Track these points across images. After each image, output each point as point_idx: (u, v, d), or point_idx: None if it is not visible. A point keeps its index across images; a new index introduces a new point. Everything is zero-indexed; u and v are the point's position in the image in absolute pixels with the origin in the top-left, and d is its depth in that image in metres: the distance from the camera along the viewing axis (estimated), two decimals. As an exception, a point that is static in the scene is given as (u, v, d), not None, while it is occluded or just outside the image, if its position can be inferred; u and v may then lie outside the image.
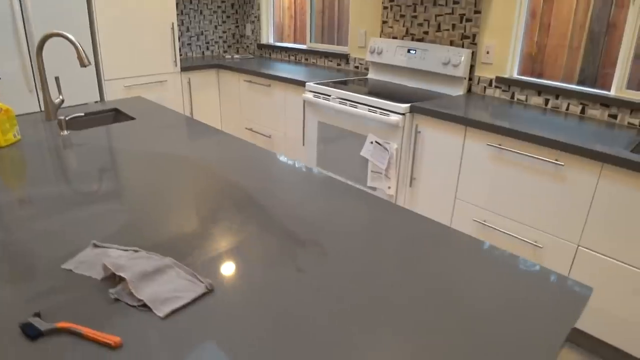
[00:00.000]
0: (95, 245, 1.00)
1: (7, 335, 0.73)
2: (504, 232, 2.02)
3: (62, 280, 0.88)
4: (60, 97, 2.11)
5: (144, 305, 0.80)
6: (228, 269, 0.91)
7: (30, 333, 0.73)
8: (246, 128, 3.63)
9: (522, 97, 2.38)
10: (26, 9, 2.84)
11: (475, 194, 2.10)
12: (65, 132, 1.90)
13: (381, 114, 2.33)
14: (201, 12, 4.10)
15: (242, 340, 0.72)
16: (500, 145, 1.95)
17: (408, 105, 2.24)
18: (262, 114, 3.39)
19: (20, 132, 1.94)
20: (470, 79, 2.58)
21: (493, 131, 1.93)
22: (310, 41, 3.75)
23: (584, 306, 0.82)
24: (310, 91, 2.78)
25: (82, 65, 1.93)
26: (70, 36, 1.91)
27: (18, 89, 2.94)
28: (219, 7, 4.19)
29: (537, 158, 1.83)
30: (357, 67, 3.27)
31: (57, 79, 2.11)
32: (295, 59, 3.81)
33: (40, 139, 1.82)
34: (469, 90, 2.60)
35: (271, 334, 0.73)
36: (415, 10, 2.74)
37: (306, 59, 3.70)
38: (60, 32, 1.91)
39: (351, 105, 2.49)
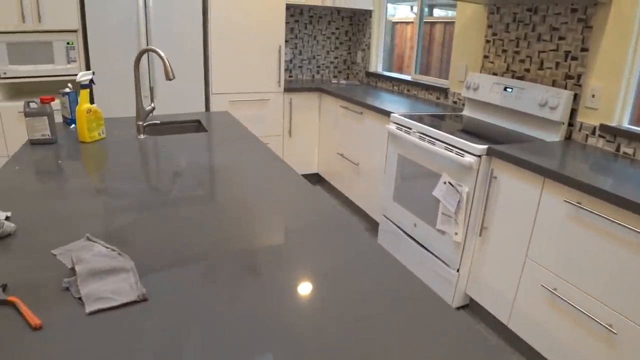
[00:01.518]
0: (88, 239, 1.12)
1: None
2: (574, 307, 1.74)
3: (42, 262, 1.01)
4: (152, 104, 2.39)
5: (81, 299, 0.88)
6: (173, 284, 0.95)
7: None
8: (338, 153, 3.69)
9: (630, 151, 2.05)
10: (150, 30, 3.30)
11: (547, 256, 1.85)
12: (142, 136, 2.15)
13: (457, 153, 2.21)
14: (315, 37, 4.33)
15: (147, 352, 0.75)
16: (579, 203, 1.70)
17: (485, 147, 2.09)
18: (353, 141, 3.42)
19: (110, 132, 2.25)
20: (570, 125, 2.30)
21: (572, 186, 1.70)
22: (415, 72, 3.71)
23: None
24: (394, 122, 2.74)
25: (168, 78, 2.17)
26: (160, 52, 2.17)
27: (128, 94, 3.41)
28: (332, 33, 4.38)
29: (623, 225, 1.56)
30: (455, 103, 3.14)
31: (151, 89, 2.41)
32: (399, 90, 3.80)
33: (121, 140, 2.09)
34: (568, 137, 2.32)
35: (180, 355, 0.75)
36: (517, 45, 2.55)
37: (408, 90, 3.66)
38: (153, 47, 2.18)
39: (429, 142, 2.40)
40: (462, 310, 2.40)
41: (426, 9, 3.64)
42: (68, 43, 3.25)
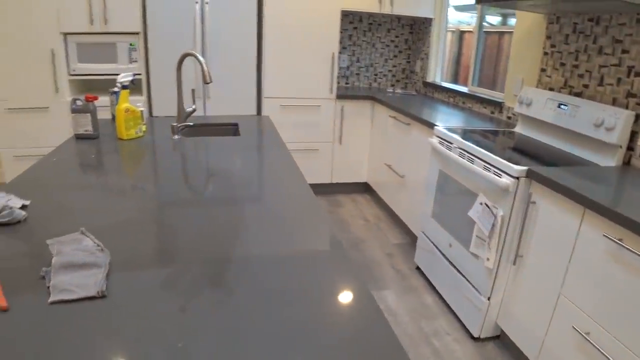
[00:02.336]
0: (82, 232, 1.19)
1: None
2: (607, 357, 1.58)
3: (35, 250, 1.10)
4: (193, 106, 2.51)
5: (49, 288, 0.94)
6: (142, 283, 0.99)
7: None
8: (385, 163, 3.65)
9: (695, 185, 1.83)
10: (205, 34, 3.46)
11: (582, 295, 1.71)
12: (176, 137, 2.26)
13: (494, 173, 2.10)
14: (374, 45, 4.31)
15: (93, 346, 0.79)
16: (620, 240, 1.55)
17: (524, 168, 1.96)
18: (400, 153, 3.36)
19: (147, 130, 2.39)
20: (630, 149, 2.10)
21: (613, 219, 1.55)
22: (473, 84, 3.57)
23: None
24: (437, 136, 2.66)
25: (205, 82, 2.27)
26: (199, 56, 2.27)
27: (188, 94, 3.58)
28: (392, 41, 4.33)
29: (666, 268, 1.40)
30: (509, 118, 2.98)
31: (193, 91, 2.53)
32: (454, 102, 3.68)
33: (156, 139, 2.21)
34: (627, 162, 2.12)
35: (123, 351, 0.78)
36: (577, 59, 2.37)
37: (464, 103, 3.54)
38: (192, 52, 2.29)
39: (468, 159, 2.30)
40: (491, 342, 2.27)
41: (486, 17, 3.50)
42: (130, 44, 3.49)
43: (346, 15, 4.18)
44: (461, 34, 3.94)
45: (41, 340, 0.80)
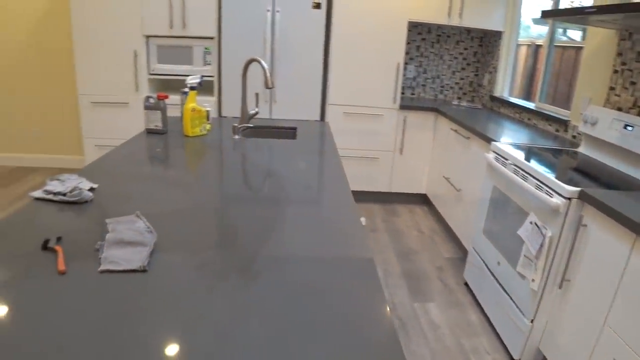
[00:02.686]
0: (137, 215, 1.35)
1: (37, 242, 1.15)
2: (648, 391, 1.52)
3: (95, 227, 1.27)
4: (256, 109, 2.67)
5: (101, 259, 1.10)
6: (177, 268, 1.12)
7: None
8: (444, 176, 3.63)
9: None
10: (275, 41, 3.64)
11: (627, 328, 1.64)
12: (236, 137, 2.42)
13: (546, 192, 2.06)
14: (441, 57, 4.30)
15: (125, 314, 0.93)
16: (669, 270, 1.48)
17: (576, 189, 1.92)
18: (458, 166, 3.35)
19: (212, 129, 2.57)
20: (699, 179, 1.98)
21: (663, 248, 1.49)
22: (540, 100, 3.47)
23: None
24: (494, 151, 2.63)
25: (267, 87, 2.42)
26: (263, 62, 2.43)
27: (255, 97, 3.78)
28: (460, 53, 4.30)
29: None
30: (574, 137, 2.88)
31: (257, 95, 2.69)
32: (519, 117, 3.59)
33: (217, 138, 2.39)
34: (695, 192, 1.99)
35: (154, 328, 0.91)
36: (648, 79, 2.26)
37: (529, 119, 3.45)
38: (257, 58, 2.44)
39: (522, 176, 2.27)
40: (535, 366, 2.21)
41: (560, 30, 3.40)
42: (205, 48, 3.75)
43: (415, 26, 4.22)
44: (537, 48, 3.84)
45: (88, 300, 0.95)
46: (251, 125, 2.49)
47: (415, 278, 2.96)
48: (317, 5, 3.56)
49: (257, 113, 2.66)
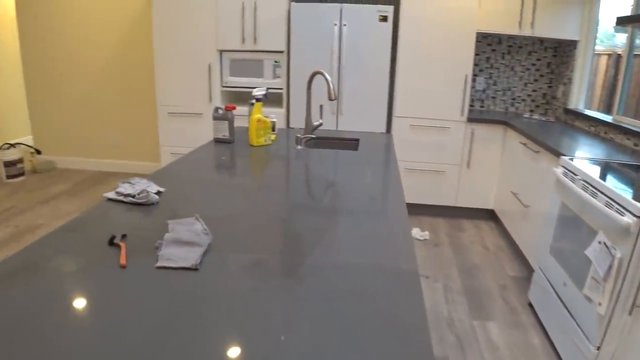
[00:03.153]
0: (196, 218, 1.46)
1: (105, 238, 1.28)
2: None
3: (158, 226, 1.38)
4: (320, 120, 2.75)
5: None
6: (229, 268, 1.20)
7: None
8: (512, 191, 3.51)
9: None
10: (342, 54, 3.71)
11: None
12: (299, 147, 2.51)
13: (616, 210, 1.94)
14: (512, 69, 4.17)
15: (176, 310, 1.02)
16: None
17: (650, 208, 1.80)
18: (527, 181, 3.22)
19: (277, 139, 2.68)
20: None
21: None
22: (618, 113, 3.26)
23: None
24: (563, 166, 2.52)
25: (330, 98, 2.50)
26: (326, 75, 2.50)
27: (323, 109, 3.87)
28: (532, 64, 4.14)
29: None
30: (656, 153, 2.68)
31: (321, 106, 2.77)
32: (595, 131, 3.39)
33: (281, 148, 2.48)
34: None
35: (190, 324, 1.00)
36: None
37: (605, 133, 3.24)
38: (321, 70, 2.52)
39: (592, 193, 2.16)
40: (602, 397, 2.07)
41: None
42: (275, 62, 3.91)
43: (484, 37, 4.13)
44: (618, 58, 3.63)
45: (145, 292, 1.04)
46: (313, 136, 2.56)
47: (477, 295, 2.88)
48: (384, 18, 3.60)
49: (321, 124, 2.74)
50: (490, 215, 4.11)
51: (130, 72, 4.77)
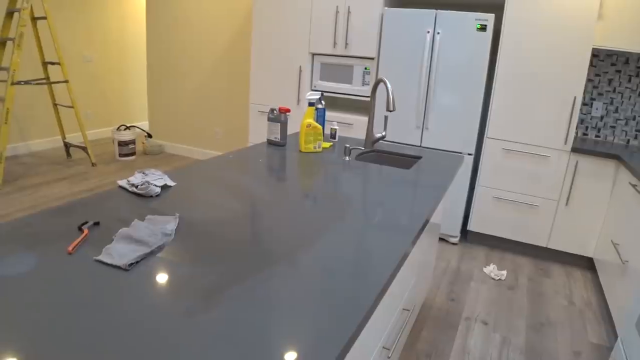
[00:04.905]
0: (175, 217, 1.42)
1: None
2: None
3: (139, 219, 1.37)
4: (383, 132, 2.59)
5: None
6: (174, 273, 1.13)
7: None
8: (612, 241, 2.95)
9: None
10: (433, 65, 3.46)
11: None
12: (347, 158, 2.37)
13: None
14: (641, 95, 3.53)
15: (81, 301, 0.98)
16: None
17: None
18: (632, 231, 2.68)
19: (331, 147, 2.56)
20: None
21: None
22: None
23: None
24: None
25: (388, 109, 2.33)
26: (387, 83, 2.35)
27: (407, 122, 3.65)
28: (670, 92, 3.45)
29: None
30: None
31: (386, 117, 2.60)
32: None
33: (328, 157, 2.37)
34: None
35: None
36: None
37: None
38: (383, 78, 2.36)
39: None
40: None
41: None
42: (365, 68, 3.78)
43: (608, 56, 3.54)
44: None
45: (62, 280, 1.03)
46: (362, 149, 2.40)
47: (539, 359, 2.45)
48: (483, 27, 3.27)
49: (383, 137, 2.57)
50: (588, 264, 3.53)
51: (231, 73, 5.06)
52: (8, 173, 4.52)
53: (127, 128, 5.26)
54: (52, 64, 4.75)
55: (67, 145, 5.09)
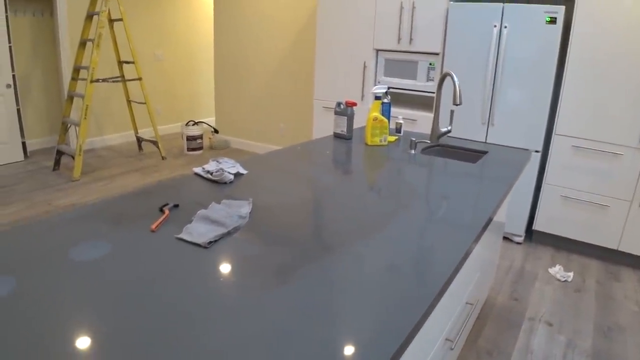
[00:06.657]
0: (249, 202, 1.47)
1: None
2: None
3: (212, 202, 1.44)
4: (449, 127, 2.55)
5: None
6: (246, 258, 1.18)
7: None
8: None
9: None
10: (499, 60, 3.35)
11: None
12: (412, 152, 2.35)
13: None
14: None
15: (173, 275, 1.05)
16: None
17: None
18: None
19: (397, 141, 2.55)
20: None
21: None
22: None
23: None
24: None
25: (454, 103, 2.30)
26: (454, 77, 2.31)
27: (473, 118, 3.56)
28: None
29: None
30: None
31: (451, 112, 2.57)
32: None
33: (394, 150, 2.36)
34: None
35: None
36: None
37: None
38: (450, 72, 2.32)
39: None
40: None
41: None
42: (430, 64, 3.72)
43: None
44: None
45: (146, 255, 1.10)
46: (428, 142, 2.38)
47: (608, 360, 2.33)
48: (553, 20, 3.12)
49: (449, 131, 2.54)
50: (666, 269, 3.30)
51: (295, 71, 5.13)
52: (86, 165, 4.83)
53: (195, 124, 5.47)
54: (127, 62, 5.02)
55: (139, 140, 5.37)
